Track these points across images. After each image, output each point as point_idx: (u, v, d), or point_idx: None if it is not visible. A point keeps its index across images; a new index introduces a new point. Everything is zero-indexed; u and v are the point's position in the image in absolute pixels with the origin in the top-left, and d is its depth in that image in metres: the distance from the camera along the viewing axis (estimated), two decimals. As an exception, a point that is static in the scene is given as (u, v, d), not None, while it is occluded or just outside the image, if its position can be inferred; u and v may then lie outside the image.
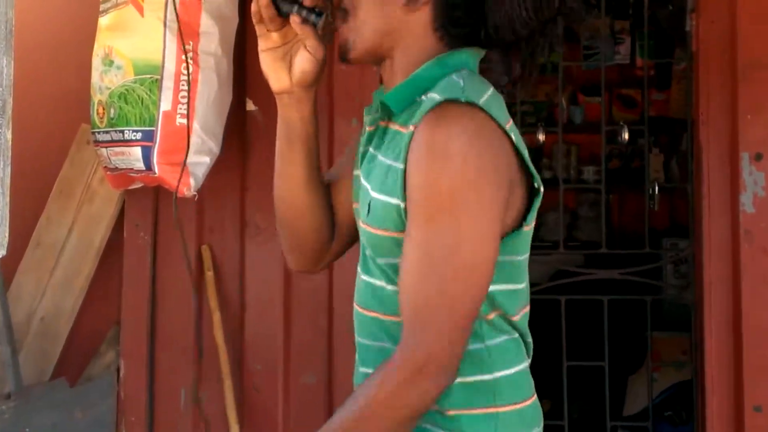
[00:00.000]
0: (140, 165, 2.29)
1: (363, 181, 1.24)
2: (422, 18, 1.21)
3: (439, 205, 1.09)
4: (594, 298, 3.06)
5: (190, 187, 2.33)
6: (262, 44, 1.28)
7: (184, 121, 2.28)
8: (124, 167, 2.36)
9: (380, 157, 1.20)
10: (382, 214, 1.18)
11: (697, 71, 2.57)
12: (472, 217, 1.09)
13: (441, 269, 1.10)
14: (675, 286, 3.62)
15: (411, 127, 1.15)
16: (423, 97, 1.17)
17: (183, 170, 2.27)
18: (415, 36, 1.22)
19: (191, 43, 2.29)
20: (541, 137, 4.18)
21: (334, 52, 1.31)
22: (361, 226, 1.24)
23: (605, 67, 3.27)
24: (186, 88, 2.28)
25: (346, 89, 2.55)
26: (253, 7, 1.29)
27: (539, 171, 4.67)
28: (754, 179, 2.47)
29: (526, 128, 4.03)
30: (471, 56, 1.22)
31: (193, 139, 2.29)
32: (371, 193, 1.20)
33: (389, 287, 1.21)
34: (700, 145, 2.55)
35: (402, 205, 1.15)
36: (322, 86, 2.20)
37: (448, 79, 1.17)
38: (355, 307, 1.30)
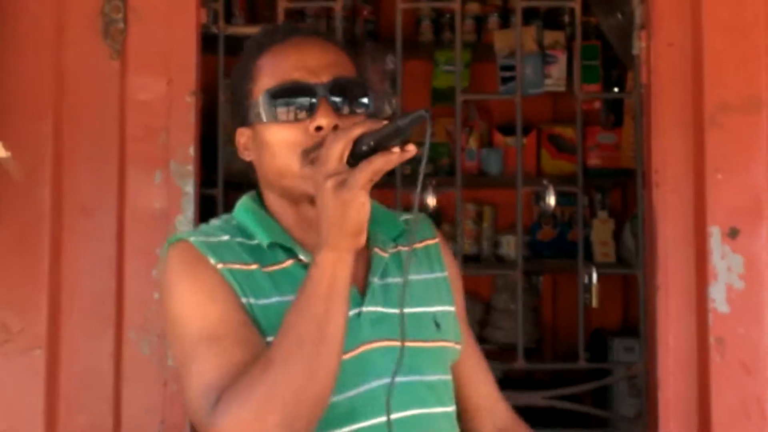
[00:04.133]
0: None
1: (381, 309, 1.72)
2: None
3: None
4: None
5: None
6: (365, 194, 1.55)
7: None
8: None
9: (412, 277, 1.78)
10: (449, 326, 1.81)
11: (649, 111, 2.61)
12: None
13: None
14: (627, 418, 3.60)
15: (436, 239, 1.90)
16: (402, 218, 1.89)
17: None
18: None
19: None
20: (431, 200, 4.20)
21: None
22: (428, 345, 1.75)
23: (528, 96, 3.29)
24: None
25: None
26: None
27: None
28: (727, 264, 2.50)
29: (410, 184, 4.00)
30: None
31: None
32: (434, 308, 1.79)
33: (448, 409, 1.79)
34: (653, 216, 2.57)
35: (454, 310, 1.84)
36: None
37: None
38: None
